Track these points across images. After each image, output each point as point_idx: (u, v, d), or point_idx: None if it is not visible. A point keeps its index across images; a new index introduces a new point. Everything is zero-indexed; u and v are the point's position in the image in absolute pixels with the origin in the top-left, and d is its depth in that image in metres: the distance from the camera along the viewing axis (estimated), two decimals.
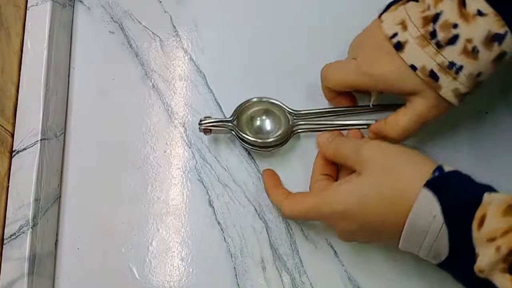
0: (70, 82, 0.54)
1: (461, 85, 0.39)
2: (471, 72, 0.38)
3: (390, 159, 0.39)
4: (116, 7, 0.56)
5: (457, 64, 0.38)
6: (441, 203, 0.34)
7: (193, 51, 0.54)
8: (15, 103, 0.48)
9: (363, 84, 0.43)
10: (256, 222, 0.48)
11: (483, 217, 0.33)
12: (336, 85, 0.46)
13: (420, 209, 0.35)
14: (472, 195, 0.34)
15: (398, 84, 0.41)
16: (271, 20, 0.55)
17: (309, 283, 0.46)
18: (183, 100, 0.53)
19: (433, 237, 0.35)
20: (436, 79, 0.39)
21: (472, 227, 0.33)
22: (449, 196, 0.35)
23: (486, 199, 0.34)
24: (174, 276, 0.47)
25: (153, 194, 0.50)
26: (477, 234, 0.33)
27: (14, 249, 0.44)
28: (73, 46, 0.55)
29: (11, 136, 0.47)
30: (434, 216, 0.34)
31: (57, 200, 0.49)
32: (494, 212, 0.33)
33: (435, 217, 0.34)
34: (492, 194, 0.34)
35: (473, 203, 0.34)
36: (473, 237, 0.33)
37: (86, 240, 0.49)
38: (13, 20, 0.49)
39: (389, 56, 0.40)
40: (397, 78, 0.41)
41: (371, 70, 0.42)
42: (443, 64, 0.38)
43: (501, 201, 0.33)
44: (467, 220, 0.34)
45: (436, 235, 0.35)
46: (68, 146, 0.52)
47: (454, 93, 0.39)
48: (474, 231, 0.33)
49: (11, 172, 0.46)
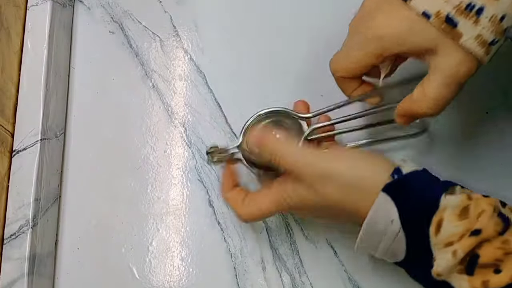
0: (70, 82, 0.54)
1: (485, 30, 0.33)
2: (494, 14, 0.33)
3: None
4: (116, 7, 0.56)
5: (476, 5, 0.33)
6: (398, 208, 0.34)
7: (193, 51, 0.54)
8: (15, 103, 0.48)
9: (371, 55, 0.37)
10: (256, 222, 0.48)
11: (439, 222, 0.33)
12: (345, 69, 0.39)
13: (378, 213, 0.34)
14: (429, 198, 0.34)
15: (411, 41, 0.35)
16: (271, 20, 0.55)
17: (309, 283, 0.46)
18: (183, 100, 0.53)
19: (390, 241, 0.35)
20: (455, 25, 0.33)
21: (429, 233, 0.33)
22: (406, 200, 0.34)
23: (443, 202, 0.33)
24: (174, 276, 0.47)
25: (153, 194, 0.50)
26: (434, 240, 0.33)
27: (14, 249, 0.44)
28: (73, 46, 0.55)
29: (11, 136, 0.47)
30: (392, 221, 0.34)
31: (57, 200, 0.49)
32: (450, 216, 0.33)
33: (392, 222, 0.34)
34: (448, 197, 0.34)
35: (430, 207, 0.34)
36: (430, 243, 0.33)
37: (86, 240, 0.49)
38: (13, 20, 0.49)
39: (395, 10, 0.35)
40: (408, 33, 0.34)
41: (376, 31, 0.36)
42: (460, 6, 0.33)
43: (456, 204, 0.33)
44: (424, 225, 0.33)
45: (393, 239, 0.35)
46: (68, 146, 0.52)
47: (478, 41, 0.33)
48: (432, 237, 0.33)
49: (11, 172, 0.46)
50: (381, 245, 0.36)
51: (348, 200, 0.36)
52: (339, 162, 0.37)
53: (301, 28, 0.54)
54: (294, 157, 0.38)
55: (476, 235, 0.32)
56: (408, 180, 0.35)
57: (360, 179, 0.36)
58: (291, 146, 0.40)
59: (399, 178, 0.35)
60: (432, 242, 0.33)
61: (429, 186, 0.35)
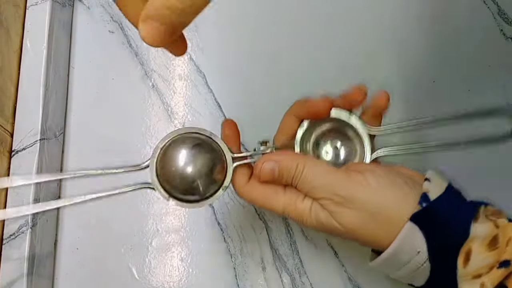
0: (69, 81, 0.54)
1: None
2: None
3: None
4: (115, 7, 0.56)
5: None
6: (427, 240, 0.33)
7: (193, 51, 0.54)
8: (15, 103, 0.48)
9: None
10: (256, 222, 0.48)
11: (468, 252, 0.32)
12: None
13: (405, 242, 0.33)
14: (458, 227, 0.33)
15: None
16: (271, 20, 0.55)
17: (309, 283, 0.46)
18: (183, 100, 0.53)
19: (411, 271, 0.34)
20: None
21: (457, 264, 0.32)
22: (435, 229, 0.33)
23: (472, 231, 0.32)
24: (174, 276, 0.47)
25: (153, 194, 0.50)
26: (462, 271, 0.32)
27: (14, 249, 0.43)
28: (73, 46, 0.55)
29: (10, 136, 0.47)
30: (418, 252, 0.33)
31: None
32: (479, 248, 0.32)
33: (418, 253, 0.33)
34: (476, 225, 0.33)
35: (459, 236, 0.33)
36: (457, 274, 0.32)
37: (86, 240, 0.48)
38: (12, 20, 0.49)
39: None
40: None
41: None
42: None
43: (485, 235, 0.32)
44: (453, 257, 0.33)
45: (416, 269, 0.34)
46: (67, 146, 0.52)
47: None
48: (460, 268, 0.32)
49: (11, 172, 0.46)
50: (400, 272, 0.34)
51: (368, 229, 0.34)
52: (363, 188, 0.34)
53: (301, 27, 0.54)
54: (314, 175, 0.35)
55: (505, 266, 0.31)
56: (436, 208, 0.34)
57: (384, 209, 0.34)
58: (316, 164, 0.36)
59: (427, 207, 0.33)
60: (459, 273, 0.32)
61: (457, 211, 0.34)
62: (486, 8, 0.54)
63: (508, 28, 0.53)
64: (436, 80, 0.52)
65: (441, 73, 0.52)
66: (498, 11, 0.54)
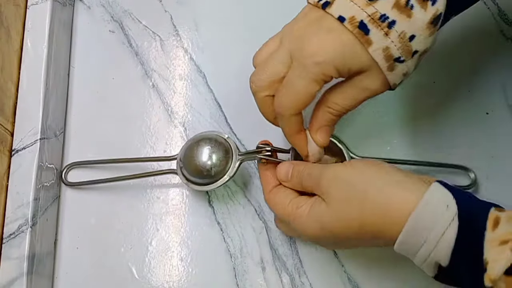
0: (70, 81, 0.54)
1: (393, 44, 0.34)
2: (404, 30, 0.34)
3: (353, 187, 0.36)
4: (116, 6, 0.56)
5: (389, 18, 0.34)
6: (454, 196, 0.32)
7: (193, 51, 0.54)
8: (15, 102, 0.48)
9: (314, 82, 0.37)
10: (256, 222, 0.48)
11: (497, 218, 0.31)
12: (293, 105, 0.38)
13: (432, 197, 0.32)
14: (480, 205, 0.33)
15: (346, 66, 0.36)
16: (271, 20, 0.55)
17: (308, 283, 0.46)
18: (183, 99, 0.53)
19: (440, 232, 0.32)
20: (367, 32, 0.34)
21: (486, 225, 0.31)
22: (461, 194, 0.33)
23: (493, 211, 0.32)
24: (174, 276, 0.47)
25: (153, 194, 0.50)
26: (491, 235, 0.31)
27: (13, 248, 0.44)
28: (73, 45, 0.55)
29: (10, 135, 0.47)
30: (447, 206, 0.32)
31: (57, 200, 0.49)
32: (506, 218, 0.31)
33: (448, 207, 0.32)
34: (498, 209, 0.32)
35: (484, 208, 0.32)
36: (485, 238, 0.31)
37: (86, 239, 0.48)
38: (13, 19, 0.49)
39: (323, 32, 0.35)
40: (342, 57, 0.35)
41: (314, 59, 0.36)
42: (374, 15, 0.34)
43: (507, 214, 0.32)
44: (482, 217, 0.31)
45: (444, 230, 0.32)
46: (67, 145, 0.52)
47: (385, 54, 0.35)
48: (488, 231, 0.31)
49: (11, 171, 0.46)
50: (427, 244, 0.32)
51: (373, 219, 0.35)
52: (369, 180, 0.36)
53: None
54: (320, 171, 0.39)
55: None
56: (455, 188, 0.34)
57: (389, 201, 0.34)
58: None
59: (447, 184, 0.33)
60: (486, 237, 0.31)
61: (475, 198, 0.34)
62: (486, 9, 0.54)
63: (508, 29, 0.53)
64: (436, 81, 0.52)
65: (441, 73, 0.52)
66: (498, 12, 0.54)
